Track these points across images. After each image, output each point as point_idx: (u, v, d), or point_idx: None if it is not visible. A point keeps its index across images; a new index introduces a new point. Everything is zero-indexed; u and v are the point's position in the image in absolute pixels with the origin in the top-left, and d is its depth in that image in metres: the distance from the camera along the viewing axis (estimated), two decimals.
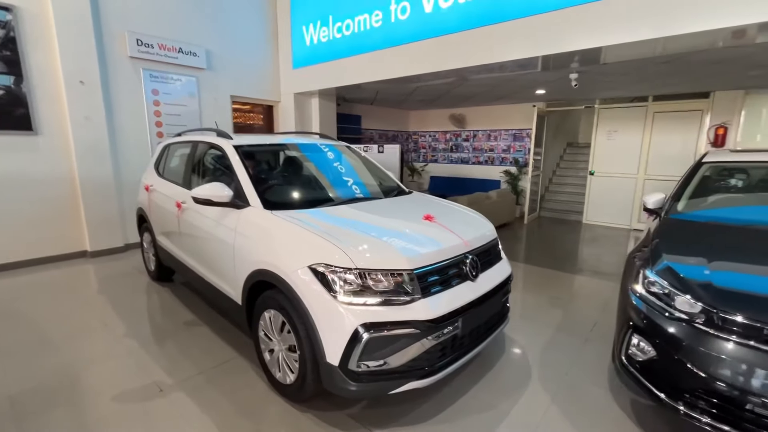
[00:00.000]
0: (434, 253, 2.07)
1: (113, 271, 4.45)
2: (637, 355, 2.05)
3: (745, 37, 3.33)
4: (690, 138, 6.57)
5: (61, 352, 2.72)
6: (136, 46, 5.01)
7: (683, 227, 2.48)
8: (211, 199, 2.48)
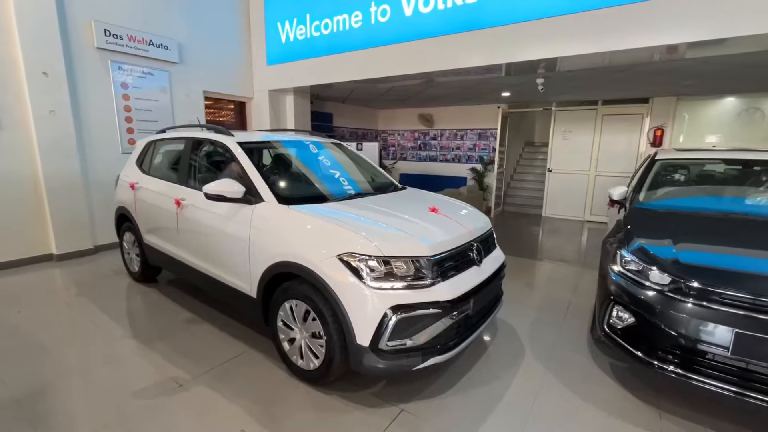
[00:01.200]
0: (448, 241, 2.29)
1: (88, 274, 4.23)
2: (617, 323, 2.41)
3: (677, 53, 3.93)
4: (633, 138, 7.36)
5: (60, 356, 2.62)
6: (103, 37, 4.76)
7: (648, 215, 2.90)
8: (224, 195, 2.52)
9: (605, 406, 2.24)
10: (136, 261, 3.92)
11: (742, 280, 1.99)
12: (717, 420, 2.11)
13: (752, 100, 6.46)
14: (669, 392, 2.34)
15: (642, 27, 3.49)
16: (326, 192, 2.84)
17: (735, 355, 1.90)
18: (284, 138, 3.36)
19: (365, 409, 2.15)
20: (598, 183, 7.78)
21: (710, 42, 3.35)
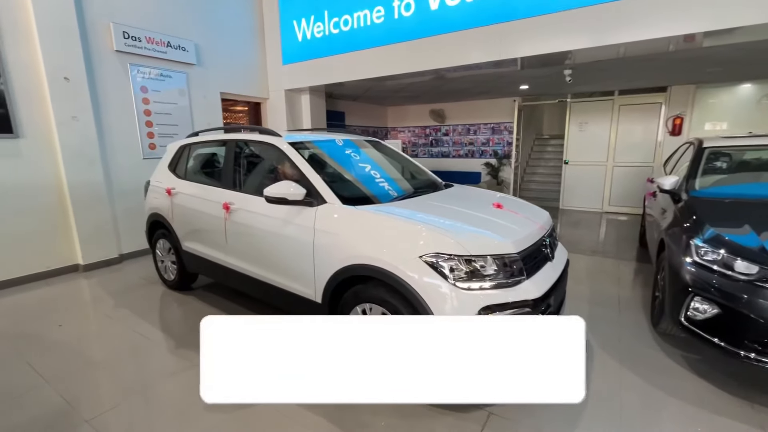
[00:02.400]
0: (528, 237, 2.22)
1: (119, 284, 4.11)
2: (696, 315, 2.35)
3: (695, 41, 3.94)
4: (651, 128, 7.33)
5: (118, 372, 2.52)
6: (122, 39, 4.62)
7: (711, 203, 2.84)
8: (286, 197, 2.42)
9: (692, 399, 2.19)
10: (171, 269, 3.81)
11: None
12: None
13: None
14: (758, 384, 2.29)
15: (672, 15, 3.56)
16: (384, 192, 2.75)
17: None
18: (331, 137, 3.27)
19: (454, 414, 2.08)
20: (615, 174, 7.75)
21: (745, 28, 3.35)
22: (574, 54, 4.47)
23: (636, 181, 7.49)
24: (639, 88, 7.27)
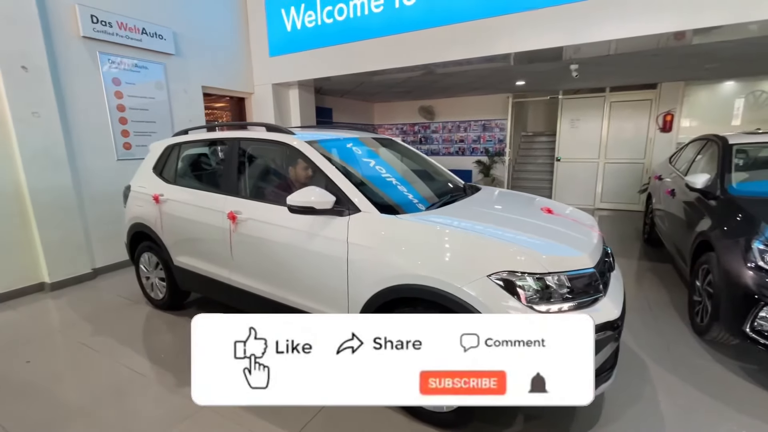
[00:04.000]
0: (597, 247, 1.97)
1: (95, 305, 3.58)
2: (763, 325, 2.19)
3: (685, 38, 3.90)
4: (642, 125, 7.38)
5: (112, 422, 2.07)
6: (90, 24, 4.03)
7: (757, 201, 2.71)
8: (314, 206, 2.06)
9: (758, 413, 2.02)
10: (160, 286, 3.33)
11: None
12: None
13: (754, 83, 6.61)
14: None
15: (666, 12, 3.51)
16: (418, 199, 2.43)
17: None
18: (344, 136, 2.90)
19: None
20: (607, 170, 7.78)
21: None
22: (575, 49, 4.31)
23: (628, 177, 7.54)
24: (630, 85, 7.30)
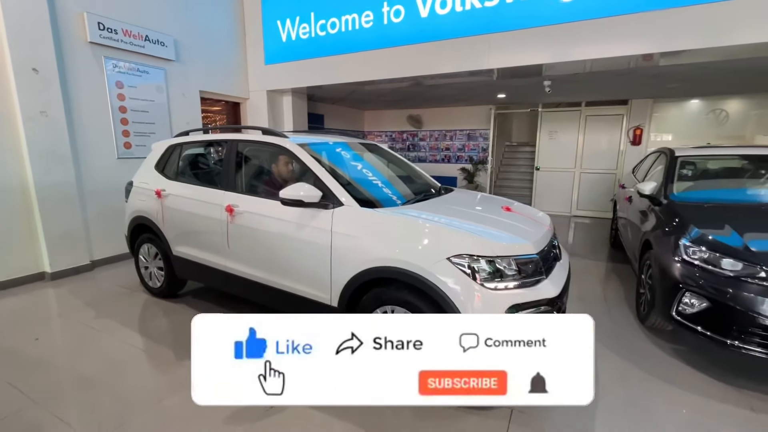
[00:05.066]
0: (542, 238, 2.32)
1: (95, 293, 3.82)
2: (687, 309, 2.57)
3: (653, 60, 4.37)
4: (614, 138, 7.88)
5: (118, 389, 2.33)
6: (97, 31, 4.32)
7: (690, 206, 3.10)
8: (302, 199, 2.38)
9: (686, 386, 2.39)
10: (158, 275, 3.59)
11: None
12: None
13: (716, 102, 7.16)
14: (741, 370, 2.52)
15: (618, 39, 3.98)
16: (394, 195, 2.77)
17: None
18: (328, 140, 3.24)
19: (478, 413, 2.12)
20: (582, 180, 8.24)
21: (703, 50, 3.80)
22: (552, 66, 4.74)
23: (601, 186, 8.01)
24: (603, 100, 7.80)
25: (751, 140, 7.05)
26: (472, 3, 4.59)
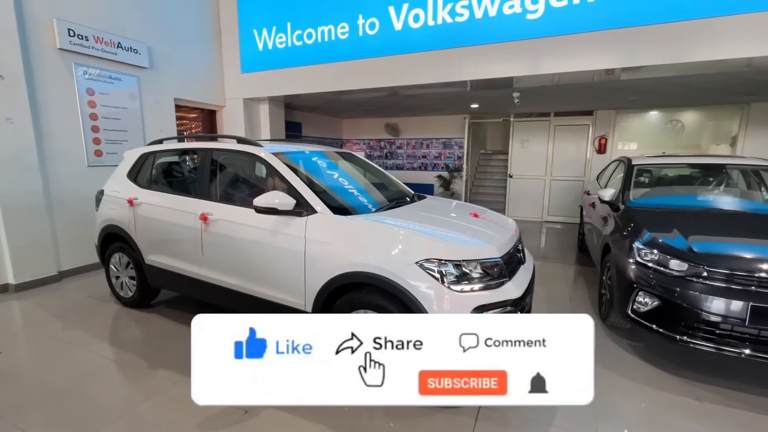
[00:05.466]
0: (506, 242, 2.45)
1: (63, 304, 3.72)
2: (641, 307, 2.75)
3: (614, 75, 4.68)
4: (581, 146, 8.26)
5: (90, 400, 2.30)
6: (67, 37, 4.26)
7: (645, 211, 3.33)
8: (276, 207, 2.44)
9: (640, 379, 2.56)
10: (130, 285, 3.54)
11: (750, 263, 2.41)
12: (736, 382, 2.50)
13: (673, 114, 7.63)
14: (689, 363, 2.72)
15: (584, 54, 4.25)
16: (367, 202, 2.86)
17: (752, 325, 2.30)
18: (304, 148, 3.31)
19: (446, 410, 2.21)
20: (553, 187, 8.57)
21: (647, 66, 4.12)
22: (521, 79, 4.98)
23: (570, 193, 8.35)
24: (571, 111, 8.18)
25: (706, 149, 7.54)
26: (443, 18, 4.78)
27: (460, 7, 4.64)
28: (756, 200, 3.71)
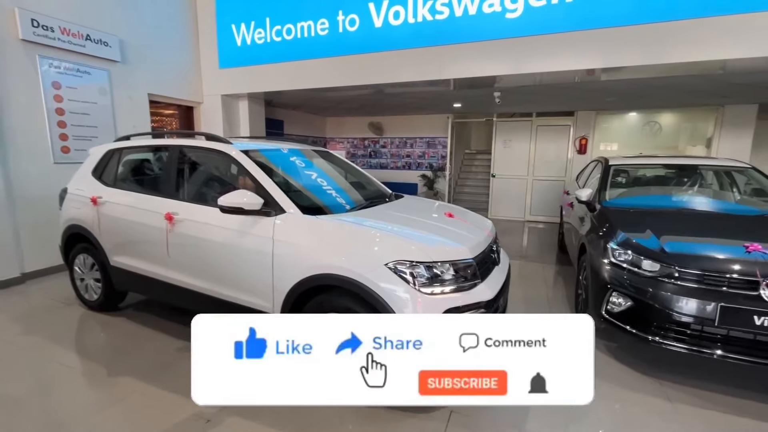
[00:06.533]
0: (480, 243, 2.42)
1: (24, 307, 3.55)
2: (614, 308, 2.75)
3: (594, 75, 4.71)
4: (562, 147, 8.33)
5: (40, 409, 2.18)
6: (30, 27, 4.06)
7: (620, 211, 3.35)
8: (242, 207, 2.34)
9: (614, 380, 2.56)
10: (94, 287, 3.39)
11: (721, 263, 2.42)
12: (706, 381, 2.52)
13: (651, 115, 7.76)
14: (662, 364, 2.72)
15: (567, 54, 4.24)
16: (340, 202, 2.79)
17: (721, 325, 2.31)
18: (279, 146, 3.22)
19: (417, 416, 2.16)
20: (535, 186, 8.63)
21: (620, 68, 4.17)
22: (501, 78, 4.97)
23: (552, 193, 8.42)
24: (552, 111, 8.24)
25: (683, 150, 7.69)
26: (423, 16, 4.73)
27: (440, 5, 4.60)
28: (728, 200, 3.77)
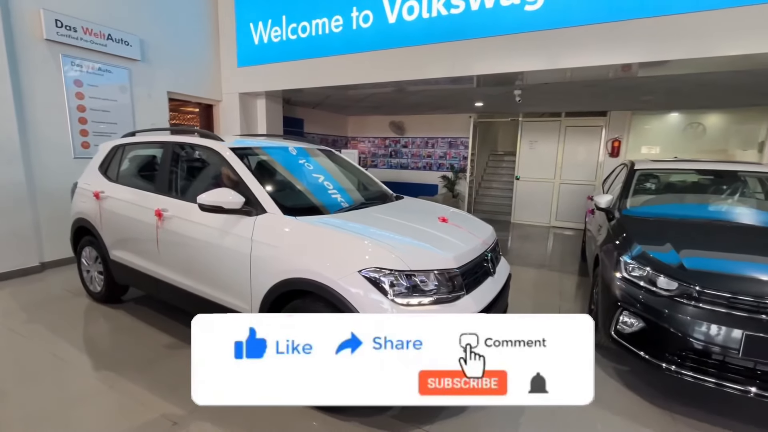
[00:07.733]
0: (469, 252, 2.23)
1: (37, 296, 3.70)
2: (624, 328, 2.47)
3: (631, 71, 4.29)
4: (593, 149, 7.83)
5: (22, 399, 2.21)
6: (54, 28, 4.24)
7: (640, 221, 3.03)
8: (222, 206, 2.28)
9: (622, 411, 2.28)
10: (98, 279, 3.48)
11: (748, 284, 2.11)
12: (730, 420, 2.19)
13: (695, 116, 7.12)
14: (678, 394, 2.42)
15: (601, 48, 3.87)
16: (330, 202, 2.67)
17: (746, 356, 1.99)
18: (283, 144, 3.15)
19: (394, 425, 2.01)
20: (562, 190, 8.18)
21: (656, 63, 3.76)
22: (526, 75, 4.68)
23: (580, 198, 7.93)
24: (583, 111, 7.76)
25: (732, 155, 7.01)
26: (438, 10, 4.54)
27: None
28: None
